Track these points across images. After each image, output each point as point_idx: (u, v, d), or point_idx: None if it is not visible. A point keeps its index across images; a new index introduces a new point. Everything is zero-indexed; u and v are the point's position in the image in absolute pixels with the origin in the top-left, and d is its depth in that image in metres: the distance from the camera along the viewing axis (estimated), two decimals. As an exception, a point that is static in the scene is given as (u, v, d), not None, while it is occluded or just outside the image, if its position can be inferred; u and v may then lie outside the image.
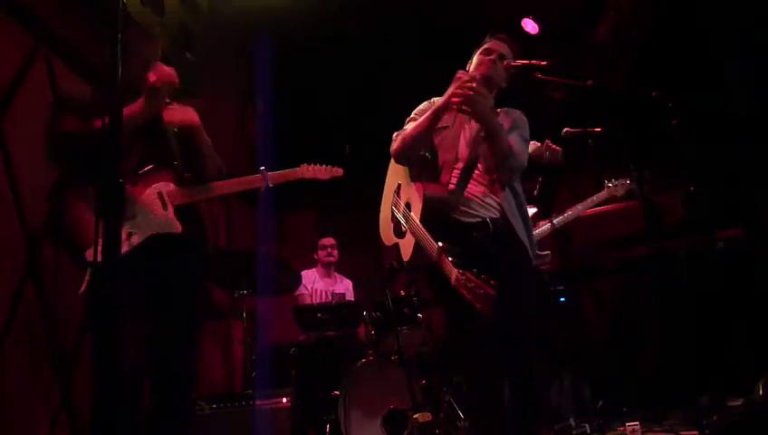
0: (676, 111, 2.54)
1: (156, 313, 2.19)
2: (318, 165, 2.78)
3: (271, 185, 2.53)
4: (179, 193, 2.32)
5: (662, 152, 3.38)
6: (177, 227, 2.25)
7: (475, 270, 1.99)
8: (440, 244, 2.16)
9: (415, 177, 2.51)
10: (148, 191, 2.27)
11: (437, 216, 2.32)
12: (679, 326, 3.77)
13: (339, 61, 4.80)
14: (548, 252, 3.16)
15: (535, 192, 3.52)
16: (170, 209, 2.27)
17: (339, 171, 2.83)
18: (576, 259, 3.53)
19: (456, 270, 2.04)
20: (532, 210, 3.32)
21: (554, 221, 3.41)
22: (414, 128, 2.43)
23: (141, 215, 2.21)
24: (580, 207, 3.45)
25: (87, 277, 2.09)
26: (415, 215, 2.39)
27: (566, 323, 3.61)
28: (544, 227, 3.41)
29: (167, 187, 2.30)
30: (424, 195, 2.34)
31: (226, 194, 2.57)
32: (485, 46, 2.53)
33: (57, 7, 3.38)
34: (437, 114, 2.35)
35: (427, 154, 2.49)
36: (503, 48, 2.51)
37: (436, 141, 2.49)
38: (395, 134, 2.54)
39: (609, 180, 3.48)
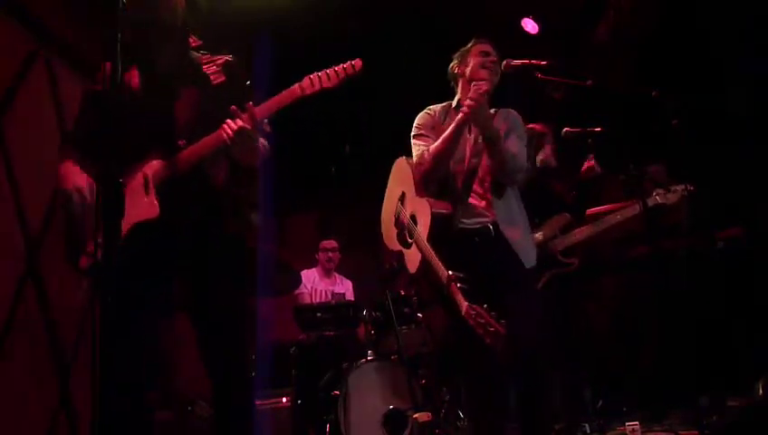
0: (676, 111, 2.54)
1: (190, 304, 2.02)
2: (325, 71, 2.13)
3: (263, 119, 2.03)
4: (162, 168, 1.97)
5: (662, 152, 3.38)
6: (154, 211, 1.92)
7: (485, 306, 2.00)
8: (450, 272, 2.15)
9: (421, 190, 2.50)
10: (135, 181, 1.95)
11: (444, 233, 2.34)
12: (679, 326, 3.77)
13: (339, 61, 4.80)
14: (574, 260, 3.22)
15: (570, 199, 3.54)
16: (152, 192, 1.94)
17: (358, 63, 2.19)
18: (576, 259, 3.52)
19: (465, 303, 2.04)
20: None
21: (591, 227, 3.35)
22: (441, 143, 2.41)
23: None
24: (619, 215, 3.34)
25: (85, 286, 1.94)
26: (422, 230, 2.39)
27: (566, 322, 3.59)
28: (580, 231, 3.36)
29: (151, 166, 1.97)
30: (432, 213, 2.34)
31: (209, 151, 1.99)
32: (482, 48, 2.53)
33: (57, 7, 3.39)
34: (461, 126, 2.37)
35: None
36: (493, 51, 2.52)
37: None
38: (418, 155, 2.51)
39: (657, 188, 3.31)
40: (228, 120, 1.96)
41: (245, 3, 4.30)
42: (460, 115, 2.36)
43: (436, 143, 2.44)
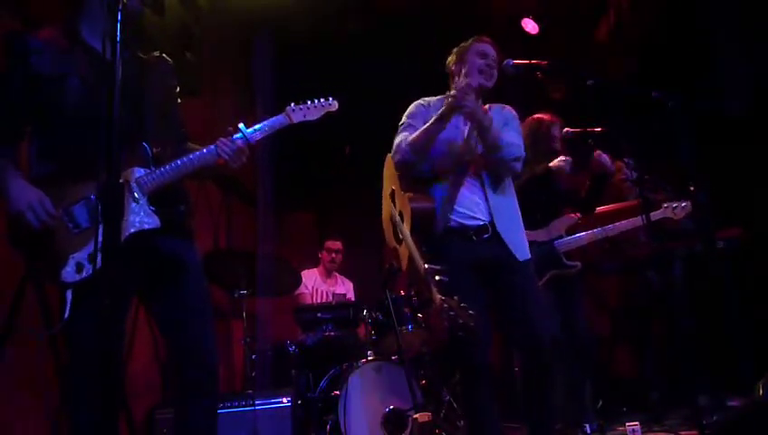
0: (677, 111, 2.54)
1: (157, 296, 2.06)
2: (306, 103, 2.25)
3: (254, 142, 2.10)
4: (150, 177, 1.93)
5: (662, 152, 3.38)
6: (156, 221, 1.91)
7: (456, 298, 2.00)
8: (427, 265, 2.16)
9: (405, 185, 2.51)
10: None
11: (425, 228, 2.35)
12: (679, 326, 3.77)
13: (339, 61, 4.81)
14: (578, 263, 3.24)
15: (582, 195, 3.55)
16: (144, 201, 1.90)
17: (333, 106, 2.28)
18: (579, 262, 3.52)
19: (439, 296, 2.04)
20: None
21: (598, 231, 3.38)
22: (420, 133, 2.41)
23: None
24: (629, 222, 3.39)
25: (69, 299, 1.90)
26: (406, 226, 2.41)
27: (566, 321, 3.60)
28: (584, 236, 3.38)
29: (135, 173, 1.91)
30: (411, 209, 2.35)
31: (202, 165, 2.04)
32: (481, 49, 2.52)
33: (57, 7, 3.38)
34: (443, 119, 2.36)
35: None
36: (492, 51, 2.53)
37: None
38: (396, 144, 2.51)
39: (668, 202, 3.45)
40: (224, 140, 2.04)
41: (246, 2, 4.30)
42: (444, 107, 2.35)
43: (415, 133, 2.43)
